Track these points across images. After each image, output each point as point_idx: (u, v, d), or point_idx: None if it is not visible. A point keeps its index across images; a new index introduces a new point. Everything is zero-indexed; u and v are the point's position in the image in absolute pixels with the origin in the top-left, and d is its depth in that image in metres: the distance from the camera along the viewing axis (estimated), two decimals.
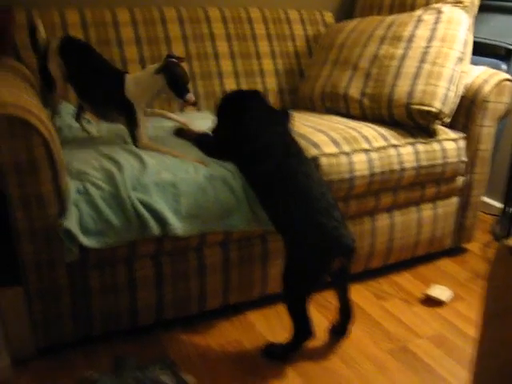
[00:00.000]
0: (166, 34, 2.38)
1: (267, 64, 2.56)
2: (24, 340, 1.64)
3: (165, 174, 1.67)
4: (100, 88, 1.86)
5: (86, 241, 1.52)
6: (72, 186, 1.58)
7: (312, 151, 1.84)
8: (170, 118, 2.00)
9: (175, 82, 1.80)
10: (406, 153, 1.99)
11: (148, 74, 1.82)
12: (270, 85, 2.55)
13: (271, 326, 1.87)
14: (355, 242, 1.60)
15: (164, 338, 1.80)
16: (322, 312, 1.94)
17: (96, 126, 2.12)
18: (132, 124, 1.84)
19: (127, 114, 1.84)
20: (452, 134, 2.14)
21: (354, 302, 2.00)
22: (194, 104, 1.84)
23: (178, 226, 1.63)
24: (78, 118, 2.05)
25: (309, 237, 1.56)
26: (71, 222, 1.51)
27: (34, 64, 2.14)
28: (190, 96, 1.82)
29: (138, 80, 1.83)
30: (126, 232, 1.58)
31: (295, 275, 1.61)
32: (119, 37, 2.30)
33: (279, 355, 1.70)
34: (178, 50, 2.38)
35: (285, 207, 1.61)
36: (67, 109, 2.15)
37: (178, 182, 1.67)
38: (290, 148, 1.70)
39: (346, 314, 1.77)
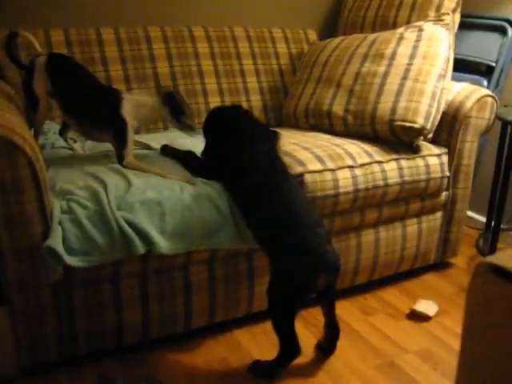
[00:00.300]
0: (151, 53, 2.39)
1: (251, 82, 2.58)
2: (8, 360, 1.62)
3: (150, 193, 1.67)
4: (90, 105, 1.86)
5: (70, 260, 1.52)
6: (57, 205, 1.57)
7: (297, 168, 1.85)
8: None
9: (179, 112, 1.87)
10: (390, 169, 2.01)
11: (153, 102, 1.88)
12: (254, 102, 2.56)
13: (258, 343, 1.87)
14: (340, 259, 1.61)
15: (150, 356, 1.79)
16: (308, 328, 1.94)
17: (81, 144, 2.12)
18: (121, 142, 1.84)
19: (117, 132, 1.83)
20: (435, 150, 2.16)
21: (340, 317, 2.00)
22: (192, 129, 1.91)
23: (163, 244, 1.63)
24: (62, 134, 2.04)
25: (293, 252, 1.56)
26: (55, 242, 1.50)
27: (18, 83, 2.15)
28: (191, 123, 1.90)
29: (139, 103, 1.87)
30: (110, 251, 1.57)
31: (280, 291, 1.61)
32: (104, 55, 2.31)
33: (266, 373, 1.70)
34: (163, 68, 2.40)
35: (269, 222, 1.62)
36: (52, 127, 2.15)
37: (164, 201, 1.67)
38: (275, 165, 1.71)
39: (332, 331, 1.77)
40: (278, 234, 1.60)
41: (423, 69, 2.09)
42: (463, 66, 2.64)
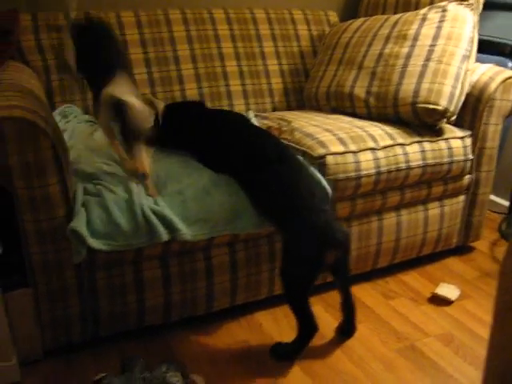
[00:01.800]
0: (171, 36, 2.39)
1: (272, 64, 2.56)
2: (32, 341, 1.64)
3: (170, 183, 1.68)
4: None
5: (94, 243, 1.52)
6: (80, 187, 1.58)
7: (319, 150, 1.84)
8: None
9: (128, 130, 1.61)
10: (413, 151, 1.99)
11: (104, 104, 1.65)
12: (275, 85, 2.55)
13: (279, 325, 1.87)
14: (349, 236, 1.64)
15: (172, 338, 1.80)
16: (329, 311, 1.94)
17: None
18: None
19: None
20: (458, 132, 2.14)
21: (361, 301, 2.01)
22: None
23: (186, 231, 1.62)
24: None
25: (301, 233, 1.58)
26: (79, 224, 1.51)
27: (39, 67, 2.16)
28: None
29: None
30: (134, 237, 1.58)
31: (291, 270, 1.63)
32: (124, 38, 2.31)
33: (287, 354, 1.70)
34: (183, 50, 2.39)
35: (277, 208, 1.64)
36: (73, 111, 2.16)
37: (184, 189, 1.67)
38: (279, 151, 1.72)
39: (348, 310, 1.77)
40: (285, 218, 1.62)
41: (447, 50, 2.06)
42: (487, 47, 2.59)
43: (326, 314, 1.92)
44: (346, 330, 1.82)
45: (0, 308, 1.52)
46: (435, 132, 2.08)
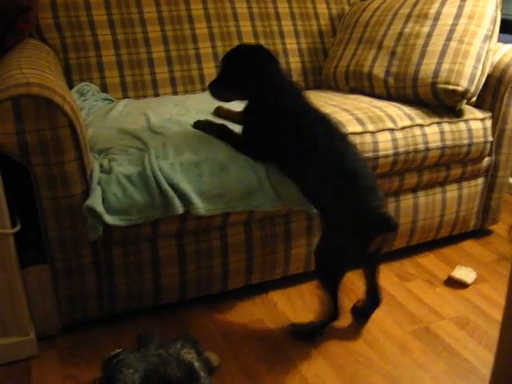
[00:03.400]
0: (189, 14, 2.37)
1: (291, 43, 2.53)
2: (49, 317, 1.66)
3: (188, 154, 1.67)
4: None
5: (110, 219, 1.53)
6: (96, 165, 1.59)
7: None
8: None
9: None
10: (431, 132, 1.97)
11: None
12: (293, 64, 2.53)
13: (293, 305, 1.88)
14: (397, 220, 1.61)
15: (187, 316, 1.81)
16: (344, 292, 1.93)
17: (120, 105, 2.12)
18: None
19: None
20: (478, 114, 2.10)
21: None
22: None
23: (200, 205, 1.63)
24: None
25: (354, 214, 1.54)
26: (95, 201, 1.52)
27: (57, 44, 2.16)
28: None
29: None
30: (149, 210, 1.58)
31: (333, 252, 1.59)
32: (142, 16, 2.30)
33: (304, 335, 1.71)
34: (201, 29, 2.37)
35: (331, 187, 1.58)
36: (90, 89, 2.16)
37: (201, 162, 1.66)
38: (334, 132, 1.64)
39: (373, 298, 1.76)
40: (340, 197, 1.57)
41: (469, 29, 2.02)
42: (511, 27, 2.54)
43: (341, 295, 1.92)
44: (363, 312, 1.81)
45: (18, 283, 1.55)
46: (455, 113, 2.05)
